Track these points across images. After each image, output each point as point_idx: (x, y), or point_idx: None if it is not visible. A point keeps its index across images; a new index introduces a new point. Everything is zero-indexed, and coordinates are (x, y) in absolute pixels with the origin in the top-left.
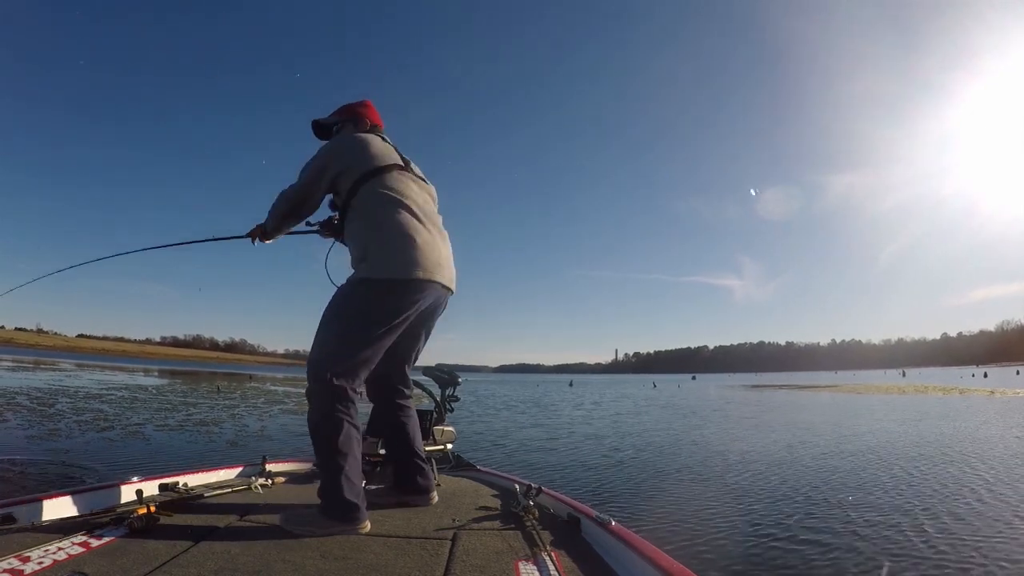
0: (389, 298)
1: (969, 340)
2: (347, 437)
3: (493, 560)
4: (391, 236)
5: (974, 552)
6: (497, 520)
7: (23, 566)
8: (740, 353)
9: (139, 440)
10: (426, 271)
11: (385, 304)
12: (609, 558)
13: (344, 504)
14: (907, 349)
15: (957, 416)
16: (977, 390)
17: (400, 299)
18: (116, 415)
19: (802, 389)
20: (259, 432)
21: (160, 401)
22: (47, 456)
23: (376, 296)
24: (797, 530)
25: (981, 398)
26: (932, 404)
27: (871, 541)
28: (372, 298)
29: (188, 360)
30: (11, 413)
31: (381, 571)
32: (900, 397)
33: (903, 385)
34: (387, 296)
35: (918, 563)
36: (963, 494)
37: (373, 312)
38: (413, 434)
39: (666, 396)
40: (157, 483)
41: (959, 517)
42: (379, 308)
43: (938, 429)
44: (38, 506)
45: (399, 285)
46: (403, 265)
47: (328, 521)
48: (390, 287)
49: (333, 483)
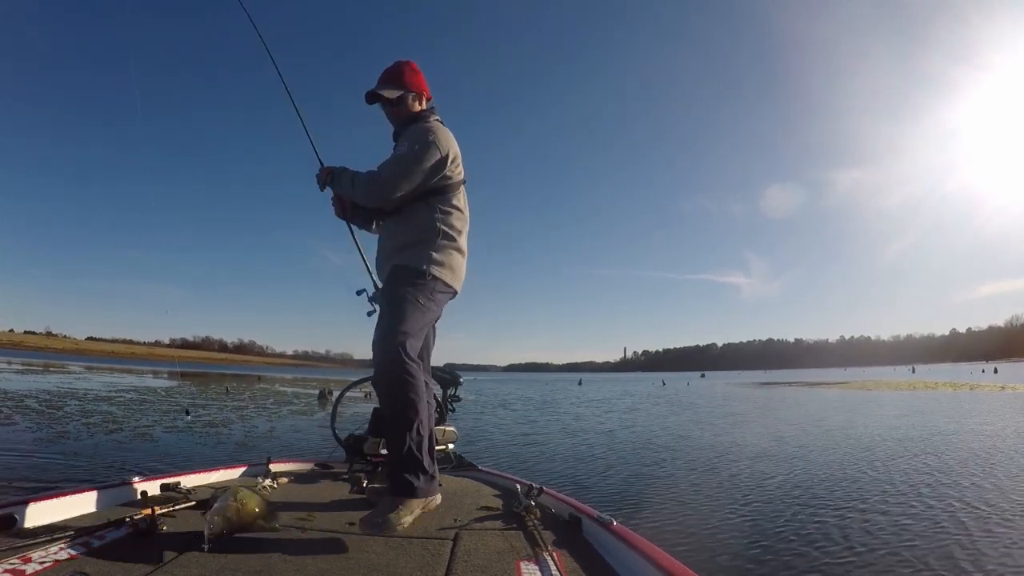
0: (440, 296)
1: (978, 336)
2: (426, 412)
3: (494, 560)
4: (456, 250)
5: (989, 551)
6: (498, 520)
7: (24, 566)
8: (749, 351)
9: (147, 442)
10: (460, 286)
11: (438, 303)
12: (611, 558)
13: (429, 475)
14: (916, 345)
15: (968, 412)
16: (987, 386)
17: (441, 304)
18: (125, 417)
19: (812, 386)
20: (268, 433)
21: (169, 403)
22: (53, 458)
23: (437, 293)
24: (801, 530)
25: (992, 394)
26: (942, 400)
27: (877, 541)
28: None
29: (197, 362)
30: (20, 416)
31: (383, 571)
32: (910, 393)
33: (913, 381)
34: (440, 295)
35: (925, 563)
36: (975, 492)
37: (431, 307)
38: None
39: (675, 394)
40: (159, 483)
41: (971, 515)
42: (435, 305)
43: (948, 426)
44: (40, 506)
45: (449, 295)
46: (457, 280)
47: (416, 500)
48: (445, 290)
49: (418, 453)
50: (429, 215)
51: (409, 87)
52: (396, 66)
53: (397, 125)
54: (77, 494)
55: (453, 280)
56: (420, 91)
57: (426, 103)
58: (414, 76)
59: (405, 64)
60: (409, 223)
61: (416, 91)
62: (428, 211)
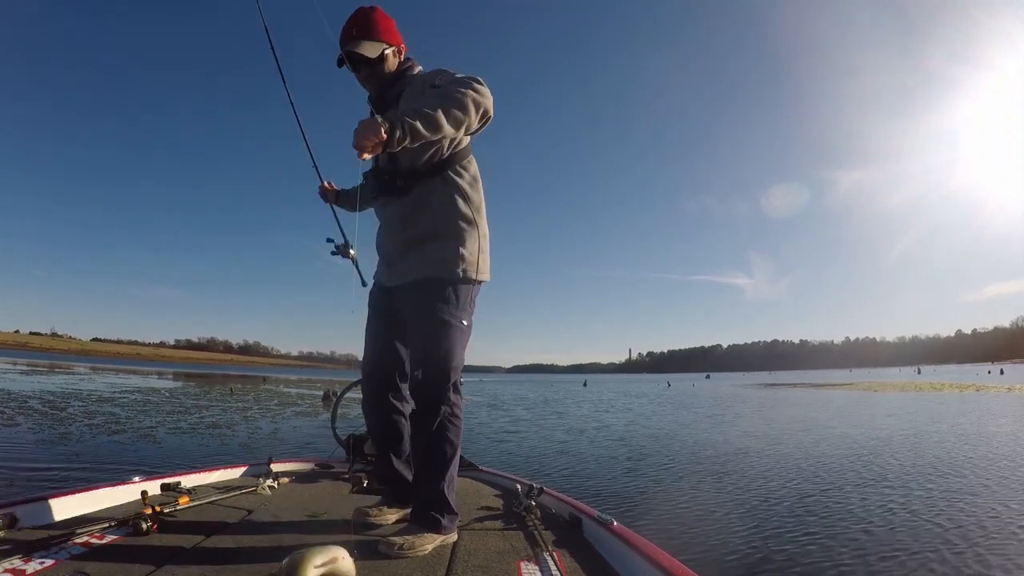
0: (476, 299)
1: (984, 337)
2: (458, 451)
3: (495, 560)
4: (485, 236)
5: (992, 555)
6: (499, 520)
7: (25, 566)
8: (754, 352)
9: (150, 443)
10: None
11: (475, 307)
12: (611, 558)
13: (455, 515)
14: (921, 346)
15: (974, 414)
16: (994, 387)
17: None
18: (128, 418)
19: (817, 388)
20: (271, 434)
21: (173, 404)
22: (55, 458)
23: (476, 298)
24: (802, 531)
25: (998, 395)
26: (948, 402)
27: (879, 543)
28: (474, 300)
29: (202, 363)
30: (23, 417)
31: (383, 571)
32: (916, 395)
33: (919, 382)
34: (476, 297)
35: (927, 566)
36: (981, 495)
37: (472, 321)
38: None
39: (679, 396)
40: (159, 483)
41: (976, 520)
42: (473, 314)
43: (955, 428)
44: (41, 506)
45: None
46: (488, 270)
47: (438, 534)
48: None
49: (448, 492)
50: (449, 194)
51: (388, 40)
52: (364, 15)
53: (379, 87)
54: (78, 494)
55: (488, 274)
56: (398, 44)
57: (403, 55)
58: (389, 25)
59: (373, 11)
60: (426, 206)
61: (395, 44)
62: (446, 188)
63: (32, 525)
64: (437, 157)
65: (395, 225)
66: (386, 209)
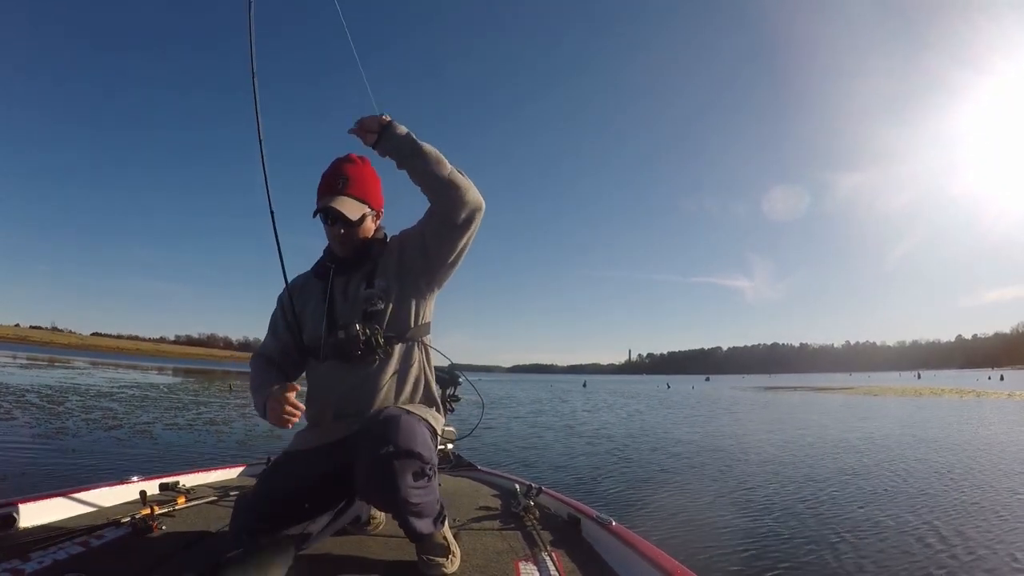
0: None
1: (984, 342)
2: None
3: (493, 560)
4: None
5: (990, 559)
6: (497, 520)
7: (24, 566)
8: (754, 354)
9: (147, 439)
10: None
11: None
12: (610, 558)
13: (454, 554)
14: (922, 351)
15: (973, 420)
16: (994, 393)
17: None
18: (126, 413)
19: (816, 391)
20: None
21: (171, 400)
22: (52, 455)
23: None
24: (801, 532)
25: (998, 401)
26: (948, 407)
27: (877, 545)
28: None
29: (202, 359)
30: (20, 411)
31: (382, 571)
32: (915, 400)
33: (918, 387)
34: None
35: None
36: (979, 501)
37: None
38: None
39: (678, 397)
40: (157, 483)
41: (973, 525)
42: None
43: (953, 434)
44: (39, 506)
45: None
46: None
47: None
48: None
49: (446, 543)
50: (424, 368)
51: (372, 203)
52: (357, 170)
53: (348, 252)
54: (76, 493)
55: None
56: (379, 208)
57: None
58: (376, 187)
59: (366, 166)
60: (406, 373)
61: (376, 208)
62: (423, 359)
63: (30, 525)
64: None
65: (361, 385)
66: (337, 371)
